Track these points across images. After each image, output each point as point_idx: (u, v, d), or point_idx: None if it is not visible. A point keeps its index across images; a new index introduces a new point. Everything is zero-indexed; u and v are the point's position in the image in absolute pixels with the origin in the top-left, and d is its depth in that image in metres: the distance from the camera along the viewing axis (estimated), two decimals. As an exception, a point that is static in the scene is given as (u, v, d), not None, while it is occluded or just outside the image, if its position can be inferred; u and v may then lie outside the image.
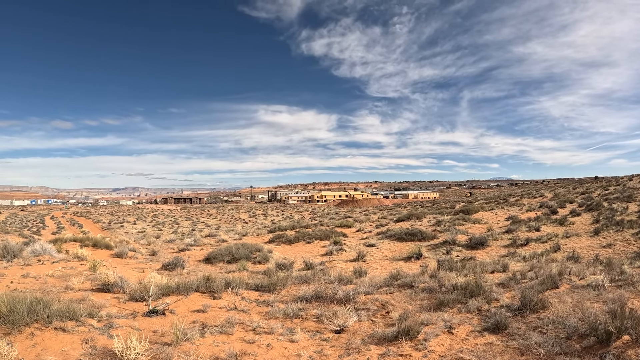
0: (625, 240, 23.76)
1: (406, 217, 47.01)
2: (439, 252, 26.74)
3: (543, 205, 43.60)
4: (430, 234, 32.35)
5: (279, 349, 8.92)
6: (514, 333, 8.78)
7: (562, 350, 7.56)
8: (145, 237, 50.75)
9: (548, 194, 60.03)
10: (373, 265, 23.65)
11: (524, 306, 9.93)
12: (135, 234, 68.87)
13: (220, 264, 24.03)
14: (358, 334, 9.92)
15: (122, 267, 19.73)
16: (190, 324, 10.16)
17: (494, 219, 39.35)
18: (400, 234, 33.08)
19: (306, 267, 21.56)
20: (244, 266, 21.86)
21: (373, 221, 51.35)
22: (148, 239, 42.88)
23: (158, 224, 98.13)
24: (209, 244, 34.11)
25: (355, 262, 24.02)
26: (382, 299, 12.77)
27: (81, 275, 15.43)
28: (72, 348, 7.98)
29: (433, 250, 27.71)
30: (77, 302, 10.63)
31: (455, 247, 27.48)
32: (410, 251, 25.61)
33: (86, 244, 25.39)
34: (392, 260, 24.95)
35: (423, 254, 24.95)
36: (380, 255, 27.27)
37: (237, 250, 25.42)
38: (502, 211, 44.86)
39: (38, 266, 17.52)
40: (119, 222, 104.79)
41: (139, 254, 26.26)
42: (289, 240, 34.83)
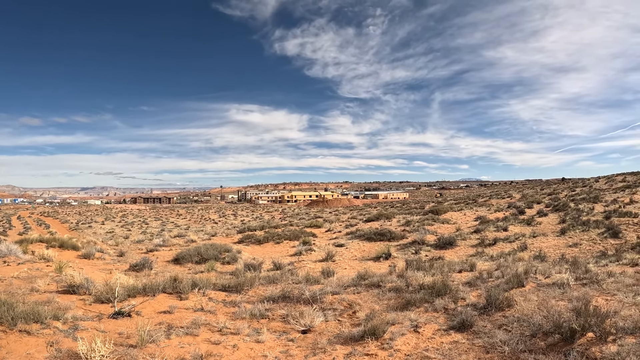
0: (591, 240, 24.13)
1: (376, 217, 47.18)
2: (408, 252, 26.88)
3: (511, 206, 44.14)
4: (400, 234, 32.51)
5: (245, 350, 8.91)
6: (479, 331, 8.87)
7: (526, 347, 7.66)
8: (113, 238, 50.30)
9: (516, 195, 60.82)
10: (342, 265, 23.70)
11: (490, 305, 10.03)
12: (104, 234, 68.23)
13: (189, 264, 23.90)
14: (324, 334, 9.94)
15: (88, 269, 19.51)
16: (156, 326, 10.10)
17: (463, 219, 39.67)
18: (369, 234, 33.18)
19: (275, 267, 21.54)
20: (212, 267, 21.76)
21: (343, 221, 51.47)
22: (116, 240, 42.48)
23: (127, 224, 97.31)
24: (178, 244, 33.89)
25: (324, 262, 24.05)
26: (350, 299, 12.81)
27: (47, 277, 15.22)
28: (37, 351, 7.89)
29: (402, 250, 27.84)
30: (43, 304, 10.51)
31: (424, 247, 27.63)
32: (379, 251, 25.71)
33: (53, 245, 25.06)
34: (361, 260, 25.03)
35: (392, 254, 25.07)
36: (349, 255, 27.34)
37: (206, 251, 25.30)
38: (471, 212, 45.24)
39: (3, 267, 17.27)
40: (87, 223, 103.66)
41: (106, 254, 26.00)
42: (259, 240, 34.75)
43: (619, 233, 24.17)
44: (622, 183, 55.62)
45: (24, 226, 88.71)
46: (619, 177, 66.32)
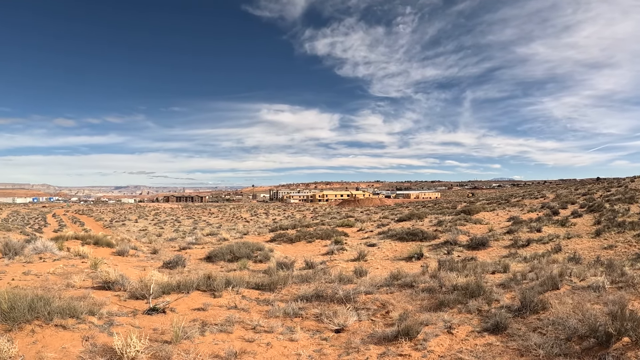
0: (626, 242, 23.70)
1: (407, 217, 46.94)
2: (440, 252, 26.72)
3: (545, 206, 43.54)
4: (432, 234, 32.32)
5: (279, 348, 8.93)
6: (513, 334, 8.78)
7: (561, 351, 7.56)
8: (146, 236, 50.73)
9: (550, 195, 60.00)
10: (374, 265, 23.64)
11: (524, 307, 9.91)
12: (137, 232, 68.90)
13: (221, 262, 24.04)
14: (358, 334, 9.93)
15: (123, 265, 19.75)
16: (191, 322, 10.19)
17: (496, 219, 39.28)
18: (401, 233, 33.03)
19: (307, 266, 21.56)
20: (244, 265, 21.87)
21: (374, 221, 51.30)
22: (149, 237, 42.86)
23: (159, 222, 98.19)
24: (210, 242, 34.09)
25: (356, 262, 24.01)
26: (383, 298, 12.77)
27: (82, 273, 15.44)
28: (73, 345, 8.01)
29: (434, 250, 27.69)
30: (78, 300, 10.67)
31: (457, 248, 27.44)
32: (412, 251, 25.60)
33: (87, 242, 25.40)
34: (393, 260, 24.95)
35: (424, 254, 24.94)
36: (381, 255, 27.26)
37: (238, 249, 25.42)
38: (503, 212, 44.77)
39: (39, 264, 17.56)
40: (120, 221, 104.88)
41: (140, 252, 26.28)
42: (290, 239, 34.81)
43: (656, 235, 23.73)
44: (659, 183, 54.52)
45: (59, 224, 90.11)
46: (655, 177, 65.01)
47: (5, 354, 6.99)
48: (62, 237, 26.50)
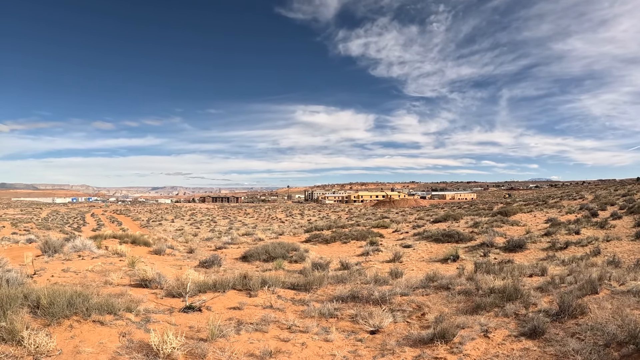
0: (668, 245, 23.24)
1: (443, 218, 46.68)
2: (476, 254, 26.48)
3: (583, 208, 42.85)
4: (468, 236, 32.05)
5: (314, 348, 8.93)
6: (551, 339, 8.65)
7: (600, 357, 7.42)
8: (183, 235, 51.25)
9: (588, 196, 59.09)
10: (409, 266, 23.53)
11: (562, 311, 9.75)
12: (173, 231, 69.70)
13: (256, 262, 24.15)
14: (393, 335, 9.87)
15: (160, 264, 19.96)
16: (226, 321, 10.26)
17: (533, 221, 38.81)
18: (436, 235, 32.82)
19: (342, 267, 21.55)
20: (280, 265, 21.93)
21: (410, 222, 51.10)
22: (186, 237, 43.27)
23: (196, 222, 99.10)
24: (246, 242, 34.28)
25: (392, 263, 23.93)
26: (418, 300, 12.70)
27: (120, 271, 15.65)
28: (110, 341, 8.13)
29: (470, 252, 27.44)
30: (116, 297, 10.83)
31: (493, 250, 27.16)
32: (447, 253, 25.41)
33: (125, 241, 25.75)
34: (429, 262, 24.79)
35: (460, 256, 24.74)
36: (416, 256, 27.12)
37: (274, 249, 25.51)
38: (540, 213, 44.21)
39: (78, 261, 17.85)
40: (157, 220, 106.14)
41: (176, 251, 26.53)
42: (326, 240, 34.82)
43: (700, 238, 23.23)
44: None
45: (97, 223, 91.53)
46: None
47: (44, 347, 7.12)
48: (101, 236, 26.91)
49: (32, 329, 7.61)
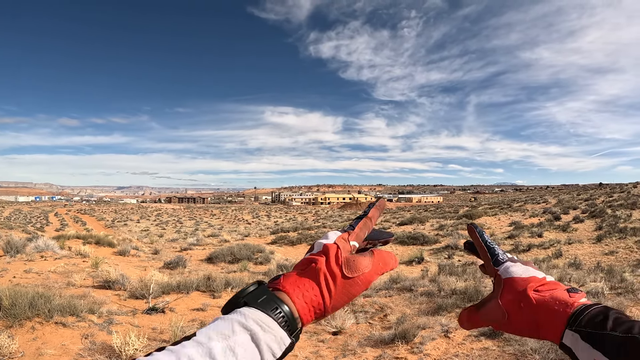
0: (627, 248, 23.75)
1: (409, 221, 47.04)
2: (441, 256, 26.76)
3: (546, 211, 43.49)
4: (433, 238, 32.38)
5: (276, 349, 8.97)
6: (510, 338, 8.81)
7: (557, 356, 7.60)
8: (148, 236, 50.84)
9: (552, 200, 59.90)
10: (374, 268, 23.67)
11: (522, 312, 9.94)
12: (139, 232, 68.97)
13: (221, 264, 24.11)
14: (355, 336, 9.97)
15: (124, 265, 19.82)
16: (189, 322, 10.25)
17: (497, 224, 39.33)
18: (402, 237, 33.08)
19: (307, 268, 21.63)
20: (245, 267, 21.94)
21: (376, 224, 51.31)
22: (151, 238, 42.98)
23: (161, 223, 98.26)
24: (212, 243, 34.18)
25: (357, 265, 24.04)
26: (381, 302, 12.83)
27: (83, 272, 15.52)
28: (72, 343, 8.08)
29: (435, 254, 27.73)
30: (78, 298, 10.74)
31: (457, 252, 27.48)
32: (412, 255, 25.63)
33: (89, 242, 25.49)
34: (394, 264, 24.96)
35: (425, 258, 24.97)
36: (381, 258, 27.26)
37: (239, 251, 25.48)
38: (505, 216, 44.78)
39: (41, 262, 17.64)
40: (122, 221, 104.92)
41: (141, 252, 26.36)
42: (292, 241, 34.89)
43: (657, 241, 23.78)
44: (661, 190, 54.49)
45: (61, 223, 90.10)
46: (658, 183, 64.96)
47: (6, 349, 7.07)
48: (64, 236, 26.61)
49: (-7, 330, 7.56)
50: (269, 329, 0.93)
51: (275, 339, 0.93)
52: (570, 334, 1.03)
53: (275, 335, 0.93)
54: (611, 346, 0.92)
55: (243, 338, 0.90)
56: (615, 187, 72.13)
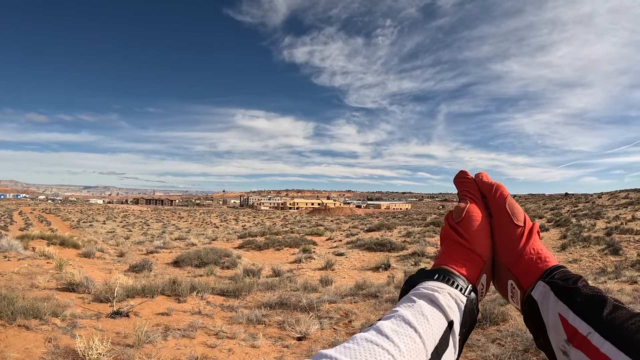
0: (591, 256, 24.19)
1: (377, 227, 47.22)
2: (408, 263, 26.91)
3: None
4: (400, 245, 32.52)
5: (240, 354, 8.99)
6: (472, 344, 8.94)
7: (518, 363, 7.75)
8: (114, 238, 50.36)
9: (518, 209, 60.57)
10: (341, 274, 23.76)
11: (485, 318, 10.10)
12: (104, 234, 68.26)
13: (188, 267, 24.00)
14: (319, 342, 10.02)
15: (88, 267, 19.63)
16: (154, 327, 10.21)
17: (464, 232, 39.62)
18: (370, 244, 33.19)
19: (274, 274, 21.63)
20: (211, 271, 21.86)
21: (344, 230, 51.43)
22: (117, 240, 42.58)
23: (128, 224, 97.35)
24: (179, 247, 33.98)
25: (324, 271, 24.12)
26: (346, 308, 12.90)
27: (47, 274, 15.35)
28: (35, 346, 8.01)
29: (402, 261, 27.87)
30: (42, 301, 10.63)
31: (424, 259, 27.65)
32: (379, 261, 25.76)
33: (54, 242, 25.18)
34: (361, 270, 25.08)
35: (391, 265, 25.12)
36: (349, 264, 27.39)
37: (206, 255, 25.38)
38: (471, 225, 45.12)
39: (4, 262, 17.40)
40: (88, 221, 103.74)
41: (106, 254, 26.12)
42: (259, 246, 34.81)
43: (620, 250, 24.24)
44: (625, 200, 55.43)
45: (25, 222, 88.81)
46: (622, 194, 66.09)
47: (-34, 353, 7.01)
48: (28, 236, 26.26)
49: (-47, 332, 7.48)
50: (442, 289, 1.06)
51: (450, 296, 1.06)
52: (542, 284, 1.08)
53: (450, 293, 1.06)
54: (579, 300, 0.98)
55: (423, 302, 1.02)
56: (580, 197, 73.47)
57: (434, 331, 0.97)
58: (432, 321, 0.98)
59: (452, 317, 1.02)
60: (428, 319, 0.98)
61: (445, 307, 1.02)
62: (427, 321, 0.97)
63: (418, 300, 1.02)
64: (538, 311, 1.07)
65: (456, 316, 1.04)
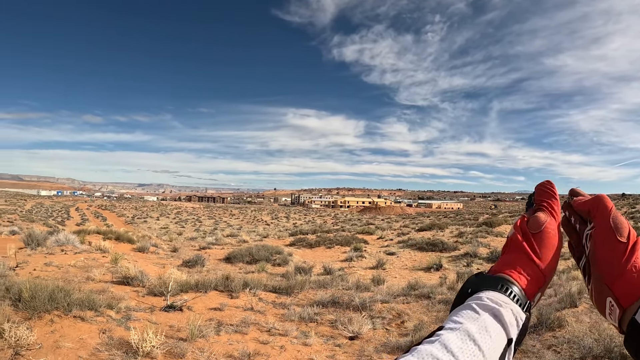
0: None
1: (428, 227, 46.76)
2: (460, 264, 26.55)
3: (567, 223, 43.00)
4: (452, 245, 32.13)
5: (292, 352, 8.96)
6: (527, 350, 8.72)
7: (576, 368, 7.52)
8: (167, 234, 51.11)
9: (573, 212, 59.34)
10: (392, 273, 23.58)
11: (540, 324, 9.84)
12: (158, 229, 69.33)
13: (240, 264, 24.13)
14: (371, 342, 9.92)
15: (143, 262, 19.92)
16: (207, 321, 10.27)
17: (517, 233, 38.88)
18: (421, 243, 32.86)
19: (325, 272, 21.57)
20: (263, 268, 21.93)
21: (395, 229, 51.13)
22: (170, 236, 43.23)
23: (181, 221, 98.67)
24: (230, 243, 34.23)
25: (375, 270, 23.96)
26: (399, 308, 12.76)
27: (102, 267, 15.63)
28: (90, 337, 8.12)
29: (453, 262, 27.52)
30: (97, 293, 10.82)
31: (476, 260, 27.25)
32: (431, 262, 25.47)
33: (109, 237, 25.65)
34: (412, 270, 24.85)
35: (443, 265, 24.81)
36: (400, 264, 27.17)
37: (257, 252, 25.48)
38: (525, 226, 44.28)
39: (61, 256, 17.78)
40: (142, 217, 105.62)
41: (160, 249, 26.49)
42: (310, 244, 34.80)
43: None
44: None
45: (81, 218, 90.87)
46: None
47: (24, 341, 7.12)
48: (84, 231, 26.78)
49: (13, 321, 7.60)
50: (506, 304, 1.00)
51: (512, 313, 0.99)
52: None
53: (513, 309, 1.00)
54: None
55: (488, 317, 0.96)
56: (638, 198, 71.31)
57: (496, 349, 0.93)
58: (495, 339, 0.94)
59: (512, 335, 0.98)
60: (492, 336, 0.94)
61: (508, 325, 0.97)
62: (490, 338, 0.93)
63: (482, 314, 0.97)
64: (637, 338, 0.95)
65: (515, 334, 0.99)
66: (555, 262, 1.16)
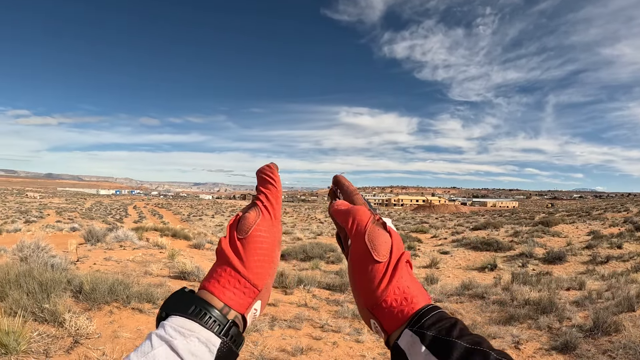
0: None
1: (483, 226, 46.26)
2: (515, 264, 26.20)
3: (627, 221, 41.89)
4: (507, 245, 31.72)
5: (345, 348, 9.01)
6: (582, 355, 8.59)
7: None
8: (222, 231, 51.63)
9: (633, 209, 57.68)
10: (445, 273, 23.44)
11: (597, 327, 9.65)
12: (213, 227, 70.24)
13: (294, 261, 24.33)
14: (424, 340, 9.88)
15: (198, 258, 20.25)
16: (261, 316, 10.39)
17: (574, 232, 38.17)
18: (475, 242, 32.56)
19: (378, 270, 21.55)
20: (317, 265, 22.06)
21: (449, 228, 50.73)
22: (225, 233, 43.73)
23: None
24: (284, 241, 34.47)
25: (428, 269, 23.86)
26: (452, 307, 12.71)
27: (159, 262, 15.97)
28: (147, 328, 8.34)
29: (508, 261, 27.17)
30: (155, 287, 11.07)
31: (532, 260, 26.85)
32: (485, 261, 25.23)
33: (166, 234, 26.18)
34: (465, 269, 24.65)
35: (497, 265, 24.53)
36: (453, 263, 26.97)
37: (311, 249, 25.63)
38: (583, 225, 43.45)
39: (120, 251, 18.25)
40: (197, 215, 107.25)
41: (215, 246, 26.86)
42: (363, 242, 34.76)
43: None
44: None
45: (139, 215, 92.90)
46: None
47: (84, 330, 7.36)
48: (142, 228, 27.42)
49: (73, 312, 7.86)
50: (191, 333, 0.90)
51: (199, 341, 0.90)
52: (409, 334, 0.91)
53: (199, 338, 0.90)
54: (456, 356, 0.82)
55: (161, 350, 0.86)
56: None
57: None
58: None
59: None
60: None
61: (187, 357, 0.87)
62: None
63: (157, 348, 0.86)
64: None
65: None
66: (267, 270, 1.07)
